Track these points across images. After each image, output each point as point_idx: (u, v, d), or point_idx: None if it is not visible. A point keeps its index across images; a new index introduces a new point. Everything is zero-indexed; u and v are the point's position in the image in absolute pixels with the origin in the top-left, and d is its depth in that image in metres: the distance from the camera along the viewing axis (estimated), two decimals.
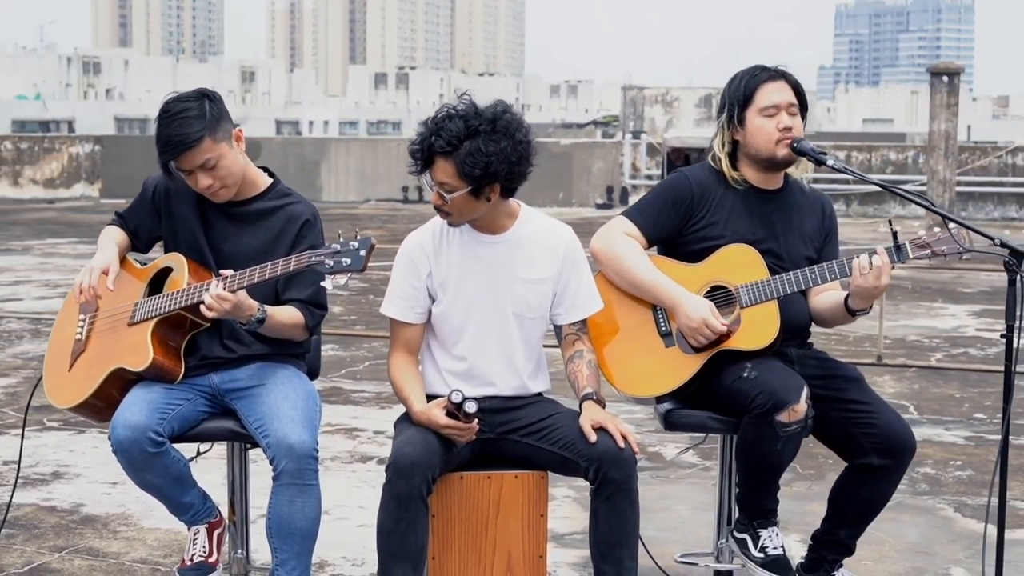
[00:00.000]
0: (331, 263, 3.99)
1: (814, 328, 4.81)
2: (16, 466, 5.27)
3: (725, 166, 4.69)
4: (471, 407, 4.10)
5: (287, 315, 4.36)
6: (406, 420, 4.31)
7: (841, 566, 4.83)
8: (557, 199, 26.24)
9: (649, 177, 26.25)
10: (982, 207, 24.90)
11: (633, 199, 24.40)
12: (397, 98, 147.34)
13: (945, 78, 20.63)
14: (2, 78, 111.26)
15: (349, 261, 4.00)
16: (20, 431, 7.30)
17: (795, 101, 4.67)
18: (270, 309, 4.28)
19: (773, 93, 4.64)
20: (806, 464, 6.65)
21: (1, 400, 8.27)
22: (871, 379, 9.05)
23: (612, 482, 4.15)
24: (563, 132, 47.98)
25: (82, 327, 4.56)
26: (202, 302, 4.16)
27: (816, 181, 5.16)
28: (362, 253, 4.00)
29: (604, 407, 4.31)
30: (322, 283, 4.02)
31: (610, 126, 51.12)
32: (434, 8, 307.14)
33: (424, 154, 4.20)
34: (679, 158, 25.43)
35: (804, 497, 6.19)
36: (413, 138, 4.27)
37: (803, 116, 4.72)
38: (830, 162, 4.58)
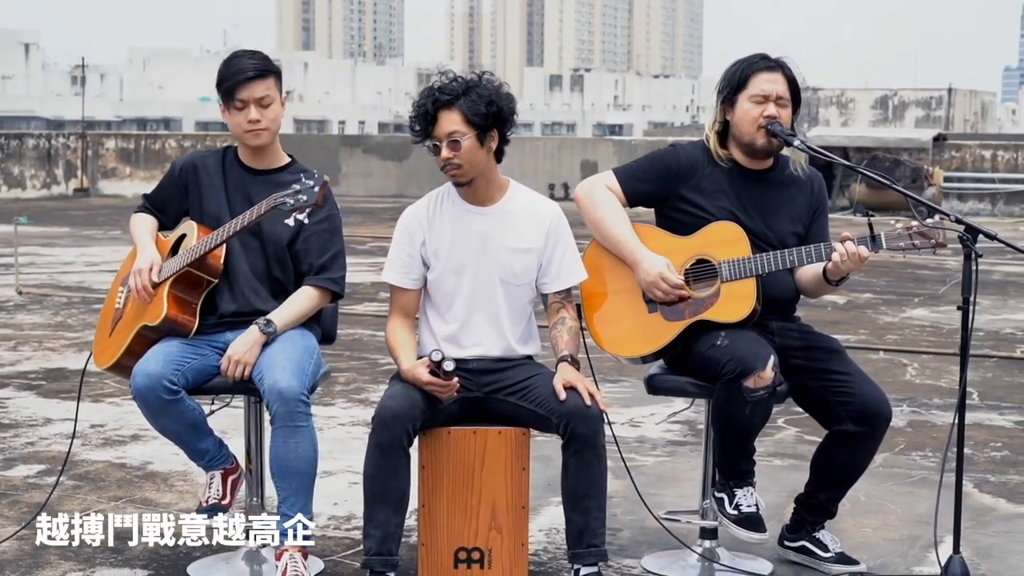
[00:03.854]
0: (291, 201, 4.51)
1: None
2: (98, 429, 5.71)
3: (713, 144, 4.97)
4: (449, 366, 4.47)
5: (296, 308, 4.84)
6: (396, 377, 4.70)
7: (822, 527, 5.09)
8: None
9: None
10: None
11: None
12: (572, 100, 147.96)
13: None
14: (187, 81, 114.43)
15: (305, 197, 4.51)
16: (115, 399, 7.88)
17: (786, 95, 4.91)
18: (277, 316, 4.78)
19: (765, 82, 4.90)
20: None
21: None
22: (949, 368, 9.27)
23: (579, 437, 4.50)
24: None
25: (122, 296, 5.05)
26: (206, 255, 4.75)
27: (960, 180, 5.35)
28: (315, 189, 4.52)
29: (579, 369, 4.65)
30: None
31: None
32: (611, 10, 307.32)
33: (429, 112, 4.61)
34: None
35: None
36: (410, 111, 4.70)
37: (795, 110, 4.96)
38: (796, 143, 4.83)
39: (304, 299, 4.84)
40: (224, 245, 4.79)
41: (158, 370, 4.62)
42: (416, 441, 4.63)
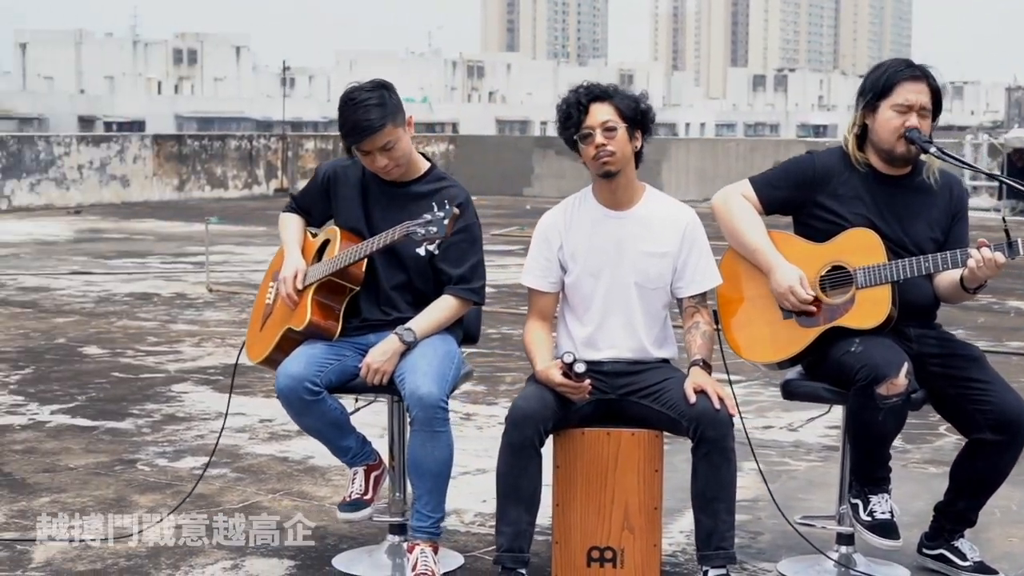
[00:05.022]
0: (422, 231, 4.60)
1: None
2: (265, 423, 5.92)
3: (851, 147, 4.97)
4: (580, 368, 4.56)
5: (436, 317, 4.96)
6: (531, 378, 4.81)
7: (962, 536, 5.05)
8: None
9: (991, 177, 25.59)
10: None
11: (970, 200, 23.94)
12: (775, 100, 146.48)
13: None
14: (392, 82, 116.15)
15: (435, 229, 4.62)
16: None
17: (929, 105, 4.88)
18: (417, 325, 4.89)
19: (910, 92, 4.87)
20: None
21: None
22: None
23: (708, 440, 4.55)
24: (940, 134, 46.80)
25: (271, 293, 5.25)
26: (349, 266, 4.90)
27: None
28: (445, 221, 4.61)
29: (711, 373, 4.70)
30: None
31: (994, 130, 49.83)
32: (818, 9, 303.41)
33: (582, 103, 4.75)
34: (1020, 160, 24.75)
35: None
36: (558, 106, 4.83)
37: (935, 118, 4.94)
38: (932, 150, 4.80)
39: (444, 308, 4.96)
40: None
41: (300, 371, 4.80)
42: (551, 441, 4.73)
